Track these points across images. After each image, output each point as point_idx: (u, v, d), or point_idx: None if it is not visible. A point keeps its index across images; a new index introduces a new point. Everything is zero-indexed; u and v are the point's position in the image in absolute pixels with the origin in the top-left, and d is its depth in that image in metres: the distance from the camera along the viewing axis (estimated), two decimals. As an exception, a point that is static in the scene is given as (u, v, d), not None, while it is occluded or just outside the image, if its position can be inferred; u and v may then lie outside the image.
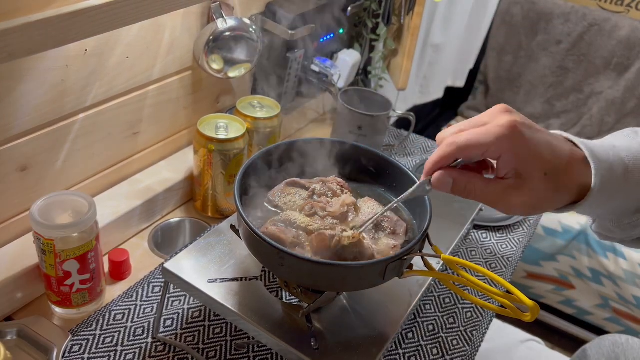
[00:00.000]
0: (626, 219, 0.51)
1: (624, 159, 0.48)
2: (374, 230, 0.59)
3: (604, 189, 0.47)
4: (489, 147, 0.45)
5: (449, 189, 0.49)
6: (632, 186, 0.48)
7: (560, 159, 0.47)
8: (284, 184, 0.64)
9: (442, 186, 0.49)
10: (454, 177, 0.48)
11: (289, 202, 0.62)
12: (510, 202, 0.47)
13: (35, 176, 0.71)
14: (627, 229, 0.52)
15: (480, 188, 0.48)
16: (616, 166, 0.47)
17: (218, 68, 0.88)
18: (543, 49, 1.87)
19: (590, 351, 0.89)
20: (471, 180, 0.48)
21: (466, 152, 0.46)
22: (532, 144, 0.45)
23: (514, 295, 0.49)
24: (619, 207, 0.50)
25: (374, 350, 0.56)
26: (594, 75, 1.81)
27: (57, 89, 0.68)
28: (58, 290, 0.66)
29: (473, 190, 0.48)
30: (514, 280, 1.58)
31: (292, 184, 0.64)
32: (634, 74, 1.72)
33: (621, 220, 0.52)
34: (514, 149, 0.45)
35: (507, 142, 0.45)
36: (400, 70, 1.29)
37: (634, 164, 0.48)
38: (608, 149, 0.49)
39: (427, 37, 1.76)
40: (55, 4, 0.56)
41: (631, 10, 1.81)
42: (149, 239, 0.83)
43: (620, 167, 0.48)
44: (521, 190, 0.47)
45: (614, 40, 1.74)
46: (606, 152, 0.48)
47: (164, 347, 0.66)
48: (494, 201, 0.48)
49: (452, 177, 0.48)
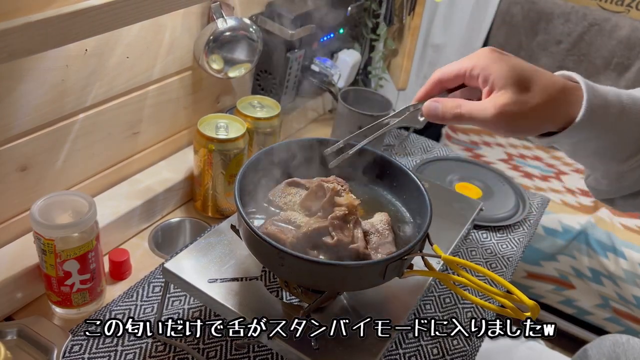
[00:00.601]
0: (614, 167, 0.51)
1: (623, 99, 0.48)
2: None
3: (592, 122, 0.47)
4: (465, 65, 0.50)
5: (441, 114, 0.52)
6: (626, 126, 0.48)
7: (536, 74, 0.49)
8: (284, 183, 0.64)
9: (432, 111, 0.52)
10: (441, 101, 0.52)
11: (289, 202, 0.62)
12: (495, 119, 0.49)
13: (35, 176, 0.71)
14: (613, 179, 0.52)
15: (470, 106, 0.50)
16: (612, 104, 0.48)
17: (218, 68, 0.88)
18: (543, 49, 1.87)
19: (591, 351, 0.89)
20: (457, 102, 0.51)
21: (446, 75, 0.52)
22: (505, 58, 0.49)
23: (514, 295, 0.49)
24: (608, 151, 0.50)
25: (374, 350, 0.56)
26: (594, 75, 1.81)
27: (57, 89, 0.68)
28: (58, 290, 0.66)
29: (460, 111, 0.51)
30: (514, 280, 1.58)
31: (293, 184, 0.64)
32: (634, 74, 1.72)
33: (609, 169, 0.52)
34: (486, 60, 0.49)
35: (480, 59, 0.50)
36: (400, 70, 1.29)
37: (631, 107, 0.48)
38: (609, 89, 0.49)
39: (427, 37, 1.76)
40: (55, 4, 0.56)
41: (631, 10, 1.80)
42: (149, 239, 0.83)
43: (617, 106, 0.48)
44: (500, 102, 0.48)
45: (614, 40, 1.74)
46: (605, 91, 0.49)
47: (164, 347, 0.66)
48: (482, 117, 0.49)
49: (439, 102, 0.52)
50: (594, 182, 0.56)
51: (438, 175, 1.07)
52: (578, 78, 0.50)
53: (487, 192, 1.05)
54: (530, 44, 1.89)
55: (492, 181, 1.08)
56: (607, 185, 0.54)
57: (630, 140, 0.49)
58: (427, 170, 1.09)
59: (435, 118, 0.52)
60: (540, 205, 1.04)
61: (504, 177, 1.09)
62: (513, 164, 1.78)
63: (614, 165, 0.51)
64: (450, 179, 1.07)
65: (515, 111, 0.48)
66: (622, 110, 0.48)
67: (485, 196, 1.03)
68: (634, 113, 0.48)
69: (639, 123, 0.48)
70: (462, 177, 1.08)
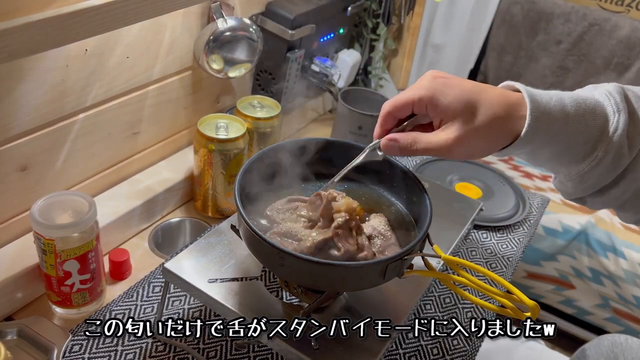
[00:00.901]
0: (573, 169, 0.52)
1: (566, 105, 0.49)
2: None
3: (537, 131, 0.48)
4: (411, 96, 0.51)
5: (398, 151, 0.54)
6: (571, 131, 0.49)
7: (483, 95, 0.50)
8: (284, 200, 0.63)
9: (390, 148, 0.54)
10: (397, 138, 0.54)
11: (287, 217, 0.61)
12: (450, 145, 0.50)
13: (35, 176, 0.71)
14: (576, 182, 0.53)
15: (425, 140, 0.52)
16: (555, 111, 0.49)
17: (218, 68, 0.88)
18: (543, 49, 1.87)
19: (589, 351, 0.89)
20: (414, 137, 0.53)
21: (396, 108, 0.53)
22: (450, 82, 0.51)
23: (514, 295, 0.49)
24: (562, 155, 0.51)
25: (374, 350, 0.56)
26: (594, 75, 1.81)
27: (57, 89, 0.68)
28: (58, 290, 0.66)
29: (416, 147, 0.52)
30: (514, 280, 1.58)
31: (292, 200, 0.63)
32: (634, 74, 1.72)
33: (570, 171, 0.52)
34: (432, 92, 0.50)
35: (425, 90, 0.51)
36: (400, 70, 1.29)
37: (575, 111, 0.49)
38: (553, 96, 0.50)
39: (427, 37, 1.76)
40: (55, 4, 0.56)
41: (631, 10, 1.80)
42: (149, 239, 0.83)
43: (560, 112, 0.49)
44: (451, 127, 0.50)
45: (614, 40, 1.74)
46: (548, 98, 0.50)
47: (164, 347, 0.66)
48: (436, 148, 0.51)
49: (396, 140, 0.53)
50: (560, 185, 0.57)
51: (438, 175, 1.07)
52: (521, 88, 0.51)
53: (487, 192, 1.05)
54: (530, 44, 1.89)
55: (492, 181, 1.08)
56: (572, 187, 0.54)
57: (580, 142, 0.50)
58: (427, 170, 1.09)
59: (395, 154, 0.55)
60: (540, 205, 1.04)
61: (504, 177, 1.09)
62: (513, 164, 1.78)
63: (573, 167, 0.52)
64: (450, 179, 1.07)
65: (468, 138, 0.50)
66: (567, 117, 0.49)
67: (485, 196, 1.03)
68: (579, 116, 0.49)
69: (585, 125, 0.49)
70: (462, 177, 1.08)
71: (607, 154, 0.49)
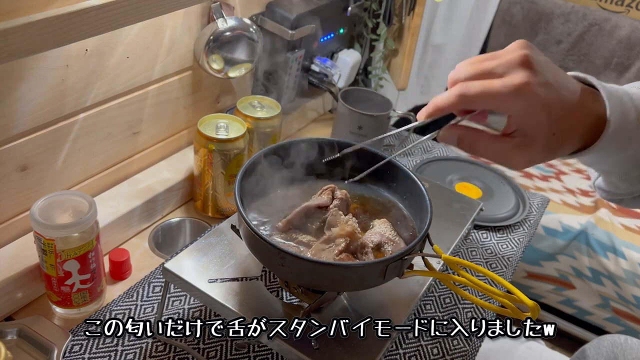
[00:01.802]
0: (634, 172, 0.50)
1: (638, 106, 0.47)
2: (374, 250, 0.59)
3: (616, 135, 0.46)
4: (499, 105, 0.44)
5: (455, 144, 0.49)
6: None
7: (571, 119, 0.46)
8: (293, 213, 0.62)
9: (449, 141, 0.50)
10: (459, 135, 0.49)
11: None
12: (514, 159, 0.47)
13: (35, 176, 0.71)
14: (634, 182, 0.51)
15: (485, 146, 0.48)
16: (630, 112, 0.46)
17: (218, 68, 0.88)
18: (543, 49, 1.87)
19: (589, 351, 0.89)
20: (477, 139, 0.48)
21: (474, 104, 0.46)
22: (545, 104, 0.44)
23: (515, 295, 0.49)
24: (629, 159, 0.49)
25: (374, 350, 0.56)
26: (594, 75, 1.81)
27: (57, 89, 0.68)
28: (58, 290, 0.66)
29: (478, 148, 0.48)
30: (514, 280, 1.58)
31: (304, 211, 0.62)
32: (634, 74, 1.72)
33: (629, 173, 0.50)
34: (525, 110, 0.44)
35: (519, 104, 0.44)
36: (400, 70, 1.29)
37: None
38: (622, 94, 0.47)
39: (428, 38, 1.76)
40: (56, 4, 0.56)
41: (631, 10, 1.81)
42: (149, 239, 0.83)
43: (634, 113, 0.46)
44: (527, 148, 0.46)
45: (614, 40, 1.74)
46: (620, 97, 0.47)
47: (164, 347, 0.66)
48: (498, 158, 0.48)
49: (457, 135, 0.49)
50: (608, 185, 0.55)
51: (438, 175, 1.07)
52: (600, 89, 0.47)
53: (487, 192, 1.05)
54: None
55: (492, 181, 1.08)
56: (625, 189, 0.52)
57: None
58: (427, 170, 1.09)
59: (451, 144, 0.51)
60: (540, 205, 1.04)
61: (504, 177, 1.09)
62: (513, 164, 1.78)
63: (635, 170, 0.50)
64: (450, 179, 1.07)
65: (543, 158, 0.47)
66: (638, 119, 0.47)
67: (485, 196, 1.03)
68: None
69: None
70: (462, 177, 1.08)
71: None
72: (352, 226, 0.58)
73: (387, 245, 0.58)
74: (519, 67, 0.44)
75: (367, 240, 0.58)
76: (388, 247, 0.58)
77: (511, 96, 0.44)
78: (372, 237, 0.59)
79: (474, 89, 0.45)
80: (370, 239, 0.59)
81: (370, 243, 0.58)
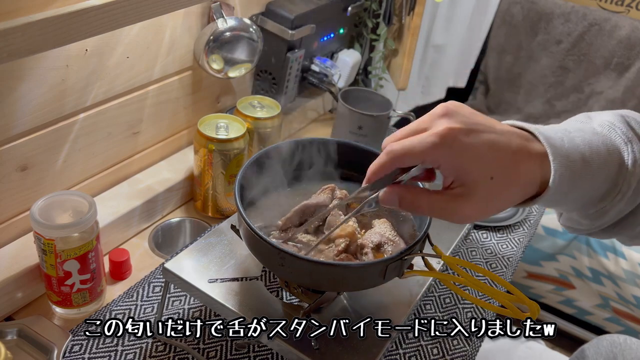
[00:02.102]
0: (591, 208, 0.49)
1: (579, 145, 0.46)
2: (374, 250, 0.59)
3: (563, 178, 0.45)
4: (424, 156, 0.44)
5: (397, 206, 0.48)
6: (593, 173, 0.46)
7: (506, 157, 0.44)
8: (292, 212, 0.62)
9: (389, 203, 0.48)
10: (399, 194, 0.48)
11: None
12: (460, 212, 0.45)
13: (35, 176, 0.71)
14: (593, 218, 0.50)
15: (427, 202, 0.47)
16: (572, 153, 0.45)
17: (218, 68, 0.88)
18: (543, 49, 1.87)
19: (589, 351, 0.89)
20: (417, 196, 0.47)
21: (402, 161, 0.45)
22: (470, 149, 0.43)
23: (514, 295, 0.49)
24: (583, 197, 0.48)
25: (374, 350, 0.56)
26: (594, 75, 1.81)
27: (57, 89, 0.68)
28: (58, 290, 0.66)
29: (420, 206, 0.47)
30: (514, 280, 1.58)
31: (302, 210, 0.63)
32: (634, 74, 1.72)
33: (587, 210, 0.50)
34: (450, 157, 0.44)
35: (442, 151, 0.43)
36: (400, 70, 1.29)
37: (590, 150, 0.46)
38: (562, 135, 0.46)
39: (428, 38, 1.76)
40: (56, 4, 0.56)
41: (631, 10, 1.80)
42: (149, 239, 0.83)
43: (577, 153, 0.45)
44: (469, 198, 0.45)
45: (614, 40, 1.74)
46: (560, 139, 0.46)
47: (164, 347, 0.66)
48: (443, 214, 0.46)
49: (397, 195, 0.48)
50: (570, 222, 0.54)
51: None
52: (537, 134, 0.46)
53: (487, 192, 1.05)
54: (530, 44, 1.89)
55: (492, 181, 1.08)
56: (588, 224, 0.52)
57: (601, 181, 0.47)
58: (427, 170, 1.09)
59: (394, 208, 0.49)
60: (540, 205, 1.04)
61: (504, 177, 1.09)
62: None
63: (592, 207, 0.49)
64: (450, 179, 1.07)
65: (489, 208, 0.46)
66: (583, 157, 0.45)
67: (485, 196, 1.03)
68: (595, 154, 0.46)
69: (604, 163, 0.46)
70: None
71: (630, 187, 0.46)
72: (352, 227, 0.58)
73: (387, 245, 0.58)
74: (440, 118, 0.45)
75: (367, 240, 0.58)
76: (388, 247, 0.58)
77: (433, 145, 0.43)
78: (372, 237, 0.59)
79: (399, 145, 0.45)
80: (370, 239, 0.59)
81: (370, 243, 0.58)
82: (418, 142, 0.44)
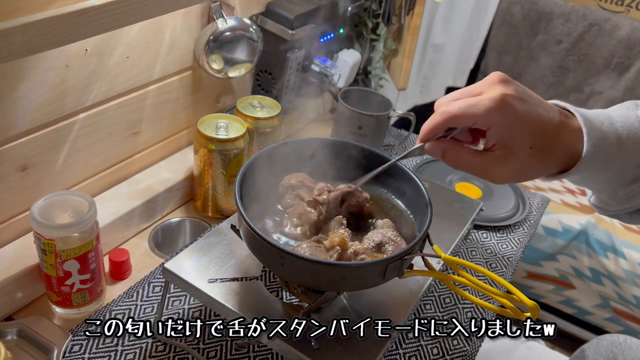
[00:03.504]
0: (621, 191, 0.51)
1: (618, 129, 0.49)
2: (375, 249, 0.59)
3: (595, 157, 0.48)
4: (478, 118, 0.47)
5: (441, 158, 0.52)
6: (626, 156, 0.49)
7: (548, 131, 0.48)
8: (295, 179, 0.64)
9: (434, 154, 0.52)
10: (443, 149, 0.51)
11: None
12: (496, 173, 0.49)
13: (35, 176, 0.71)
14: (622, 201, 0.52)
15: (467, 160, 0.50)
16: (609, 135, 0.48)
17: (218, 68, 0.88)
18: (543, 49, 1.87)
19: (589, 351, 0.89)
20: (460, 153, 0.51)
21: (457, 121, 0.49)
22: (521, 117, 0.47)
23: (514, 295, 0.49)
24: (613, 178, 0.50)
25: (374, 350, 0.56)
26: (594, 75, 1.81)
27: (57, 89, 0.68)
28: (58, 290, 0.66)
29: (461, 161, 0.51)
30: (514, 280, 1.58)
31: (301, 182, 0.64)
32: (634, 74, 1.72)
33: (616, 192, 0.52)
34: (502, 122, 0.47)
35: (495, 115, 0.46)
36: (400, 70, 1.29)
37: (627, 134, 0.48)
38: (603, 118, 0.49)
39: (427, 37, 1.76)
40: (55, 4, 0.56)
41: (631, 10, 1.80)
42: (149, 239, 0.83)
43: (614, 136, 0.48)
44: (507, 162, 0.48)
45: (614, 40, 1.74)
46: (600, 121, 0.49)
47: (164, 347, 0.66)
48: (480, 172, 0.50)
49: (442, 149, 0.51)
50: (600, 202, 0.56)
51: (438, 175, 1.07)
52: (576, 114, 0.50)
53: (487, 192, 1.05)
54: (530, 44, 1.89)
55: (492, 181, 1.08)
56: (616, 206, 0.54)
57: (633, 165, 0.49)
58: (427, 170, 1.09)
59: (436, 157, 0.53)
60: (540, 205, 1.04)
61: (504, 177, 1.09)
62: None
63: (622, 189, 0.51)
64: (450, 179, 1.07)
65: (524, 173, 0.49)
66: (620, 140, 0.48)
67: (485, 196, 1.03)
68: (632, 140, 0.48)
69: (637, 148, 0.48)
70: (462, 177, 1.08)
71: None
72: (340, 235, 0.58)
73: (388, 245, 0.58)
74: (496, 84, 0.48)
75: (361, 247, 0.58)
76: (389, 246, 0.58)
77: (488, 108, 0.46)
78: (373, 236, 0.59)
79: (455, 106, 0.48)
80: (372, 238, 0.59)
81: (371, 243, 0.58)
82: (474, 105, 0.47)
